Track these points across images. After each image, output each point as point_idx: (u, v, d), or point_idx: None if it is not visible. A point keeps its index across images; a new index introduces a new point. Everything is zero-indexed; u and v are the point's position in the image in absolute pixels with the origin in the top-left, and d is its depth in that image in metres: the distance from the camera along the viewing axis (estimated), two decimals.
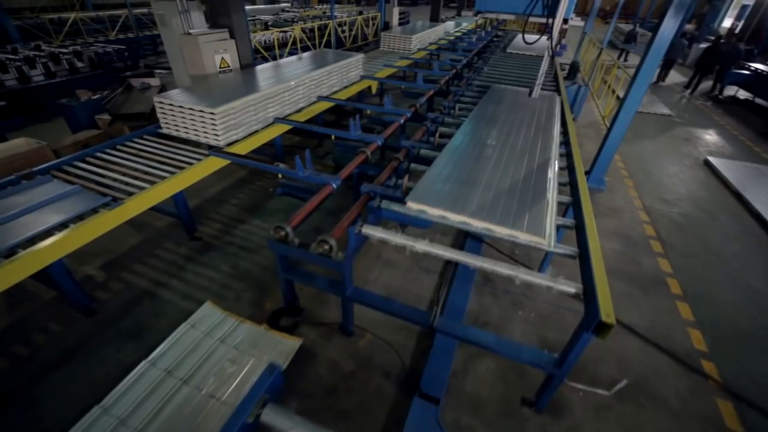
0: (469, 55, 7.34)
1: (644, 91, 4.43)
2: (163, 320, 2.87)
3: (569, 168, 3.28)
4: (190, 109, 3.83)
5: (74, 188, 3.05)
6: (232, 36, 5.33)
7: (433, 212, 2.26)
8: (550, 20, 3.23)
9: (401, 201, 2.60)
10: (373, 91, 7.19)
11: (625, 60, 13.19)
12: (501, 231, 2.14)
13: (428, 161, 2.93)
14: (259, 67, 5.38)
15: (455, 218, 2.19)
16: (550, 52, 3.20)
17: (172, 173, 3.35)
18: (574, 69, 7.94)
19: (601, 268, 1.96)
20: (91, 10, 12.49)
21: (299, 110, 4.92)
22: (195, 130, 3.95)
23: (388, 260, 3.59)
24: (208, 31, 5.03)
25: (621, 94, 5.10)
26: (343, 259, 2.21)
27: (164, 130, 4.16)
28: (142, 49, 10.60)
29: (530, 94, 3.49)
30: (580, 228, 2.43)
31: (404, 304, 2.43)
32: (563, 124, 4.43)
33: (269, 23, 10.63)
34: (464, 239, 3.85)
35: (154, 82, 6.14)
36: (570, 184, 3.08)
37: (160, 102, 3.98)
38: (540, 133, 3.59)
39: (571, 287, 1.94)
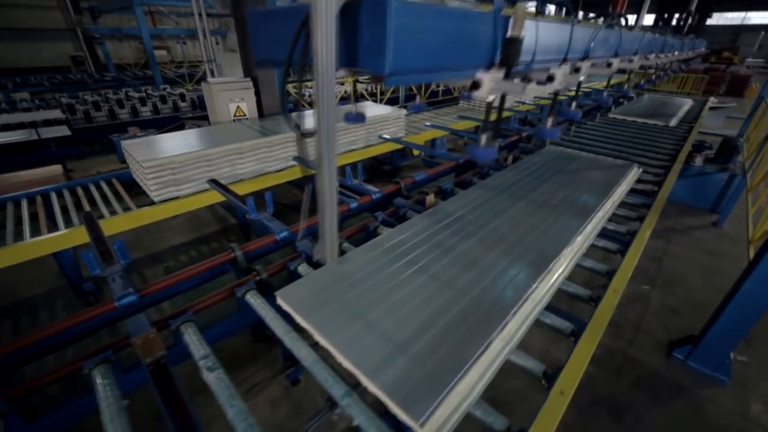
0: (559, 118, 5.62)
1: None
2: None
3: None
4: (133, 158, 3.50)
5: None
6: (256, 85, 5.13)
7: (299, 320, 1.60)
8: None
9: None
10: (415, 153, 6.11)
11: None
12: (367, 384, 1.30)
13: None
14: (269, 118, 5.12)
15: (319, 340, 1.50)
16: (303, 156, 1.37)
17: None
18: (728, 148, 5.24)
19: None
20: None
21: (282, 170, 4.22)
22: (142, 180, 3.60)
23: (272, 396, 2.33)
24: (225, 80, 4.90)
25: None
26: None
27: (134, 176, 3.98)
28: None
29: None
30: None
31: None
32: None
33: None
34: None
35: (204, 125, 6.45)
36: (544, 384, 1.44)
37: (125, 146, 3.82)
38: (558, 235, 2.27)
39: None
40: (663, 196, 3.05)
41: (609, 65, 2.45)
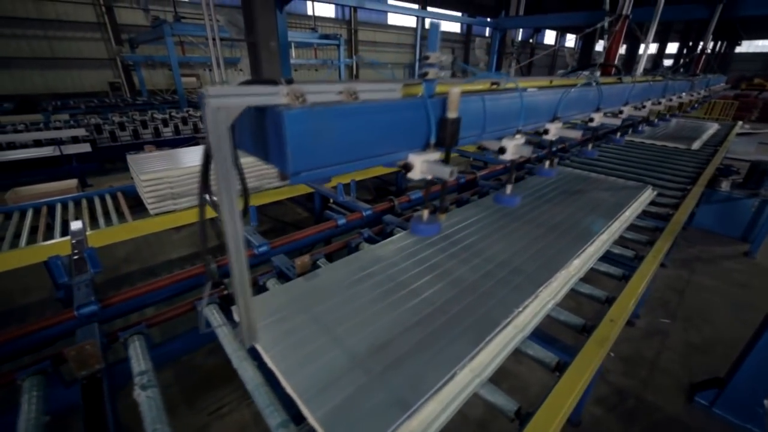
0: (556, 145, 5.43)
1: None
2: None
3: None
4: (134, 172, 3.57)
5: None
6: None
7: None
8: None
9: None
10: None
11: None
12: (306, 414, 1.13)
13: None
14: None
15: (266, 360, 1.33)
16: None
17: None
18: (757, 172, 4.88)
19: None
20: None
21: (281, 186, 4.22)
22: (142, 193, 3.66)
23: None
24: None
25: None
26: None
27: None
28: None
29: None
30: None
31: None
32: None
33: None
34: None
35: None
36: None
37: (130, 161, 3.92)
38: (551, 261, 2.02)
39: None
40: (678, 219, 2.80)
41: (590, 120, 2.29)
